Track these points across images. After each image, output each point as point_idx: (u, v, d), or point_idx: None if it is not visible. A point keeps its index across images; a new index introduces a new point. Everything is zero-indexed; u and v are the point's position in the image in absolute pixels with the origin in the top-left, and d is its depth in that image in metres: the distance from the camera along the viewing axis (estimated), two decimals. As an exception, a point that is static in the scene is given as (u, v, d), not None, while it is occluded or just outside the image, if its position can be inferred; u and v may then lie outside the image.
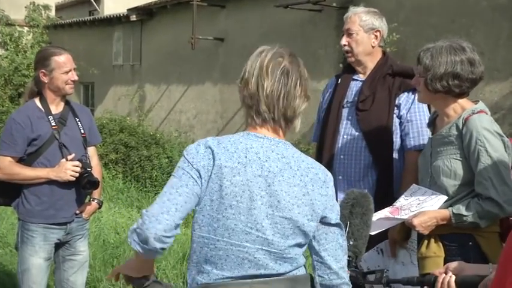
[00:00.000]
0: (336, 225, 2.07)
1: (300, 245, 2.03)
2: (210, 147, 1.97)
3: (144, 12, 14.47)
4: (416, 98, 3.27)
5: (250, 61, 2.08)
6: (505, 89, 7.53)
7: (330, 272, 2.07)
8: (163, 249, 1.95)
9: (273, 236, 1.96)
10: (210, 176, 1.94)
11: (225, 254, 1.95)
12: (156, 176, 11.05)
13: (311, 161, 2.12)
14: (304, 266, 2.09)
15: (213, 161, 1.95)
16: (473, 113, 2.86)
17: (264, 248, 1.96)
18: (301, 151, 7.62)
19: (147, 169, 11.25)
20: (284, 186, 1.98)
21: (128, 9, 14.73)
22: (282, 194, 1.97)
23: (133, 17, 14.52)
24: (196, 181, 1.95)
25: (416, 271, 3.00)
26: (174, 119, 13.17)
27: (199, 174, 1.95)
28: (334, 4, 9.76)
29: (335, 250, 2.07)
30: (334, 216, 2.07)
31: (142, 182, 11.02)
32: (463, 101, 2.95)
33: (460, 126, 2.86)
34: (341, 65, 9.55)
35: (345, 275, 2.10)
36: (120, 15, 15.12)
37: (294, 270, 2.04)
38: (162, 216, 1.90)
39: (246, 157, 1.97)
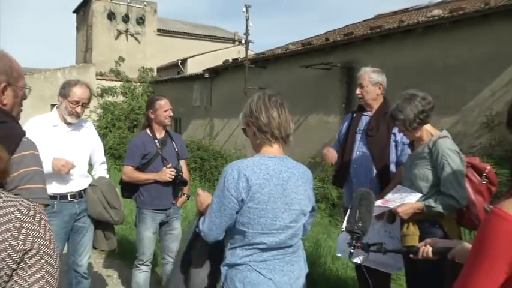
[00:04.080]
0: (314, 209, 2.17)
1: (302, 225, 2.06)
2: (243, 174, 1.90)
3: (213, 72, 14.63)
4: None
5: (253, 103, 2.03)
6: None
7: (306, 232, 2.20)
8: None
9: (289, 222, 1.96)
10: (248, 192, 1.89)
11: (258, 239, 1.94)
12: (220, 178, 11.23)
13: (302, 166, 2.09)
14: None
15: (247, 183, 1.89)
16: (440, 138, 2.82)
17: (284, 231, 1.96)
18: (317, 162, 7.57)
19: (215, 174, 11.30)
20: (293, 188, 1.97)
21: (203, 70, 14.97)
22: (292, 194, 1.96)
23: (206, 75, 14.74)
24: (235, 202, 1.91)
25: (394, 242, 3.00)
26: (233, 141, 13.23)
27: (238, 194, 1.90)
28: (339, 65, 9.76)
29: (311, 220, 2.20)
30: (314, 203, 2.14)
31: (212, 182, 11.08)
32: (432, 130, 2.91)
33: (431, 147, 2.82)
34: (343, 105, 9.54)
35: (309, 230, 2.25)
36: (198, 74, 15.36)
37: (298, 242, 2.07)
38: (214, 232, 1.99)
39: (267, 173, 1.92)
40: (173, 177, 3.76)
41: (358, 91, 3.55)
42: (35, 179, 1.56)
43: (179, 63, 20.80)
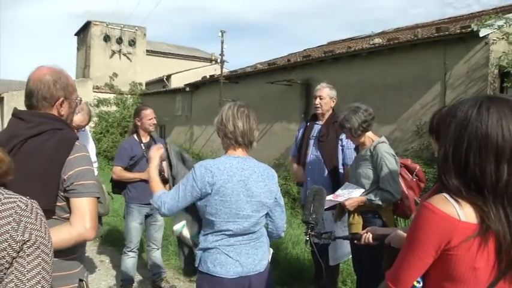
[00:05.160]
0: (280, 203, 2.06)
1: (264, 215, 2.01)
2: (209, 170, 1.88)
3: (193, 86, 14.42)
4: None
5: (224, 112, 2.01)
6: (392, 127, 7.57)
7: (276, 227, 2.08)
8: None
9: (251, 212, 1.93)
10: (212, 186, 1.87)
11: (225, 227, 1.91)
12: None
13: (264, 165, 2.04)
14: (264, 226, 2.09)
15: (213, 178, 1.87)
16: (379, 143, 2.85)
17: (247, 220, 1.93)
18: (280, 163, 7.51)
19: (194, 173, 11.12)
20: (254, 183, 1.93)
21: (184, 84, 14.72)
22: (253, 188, 1.93)
23: (187, 89, 14.47)
24: (197, 191, 1.89)
25: (344, 232, 2.97)
26: (209, 145, 13.10)
27: (202, 186, 1.88)
28: (299, 81, 9.81)
29: (280, 215, 2.06)
30: (279, 197, 2.05)
31: (192, 180, 10.93)
32: (372, 136, 2.94)
33: (372, 150, 2.84)
34: (302, 115, 9.58)
35: (282, 229, 2.11)
36: (180, 88, 15.11)
37: (261, 228, 2.03)
38: (169, 211, 1.95)
39: (231, 171, 1.90)
40: (157, 176, 3.68)
41: (317, 101, 3.51)
42: (87, 176, 1.57)
43: (164, 79, 20.56)
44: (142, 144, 3.77)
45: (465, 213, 1.10)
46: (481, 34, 6.46)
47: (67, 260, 1.58)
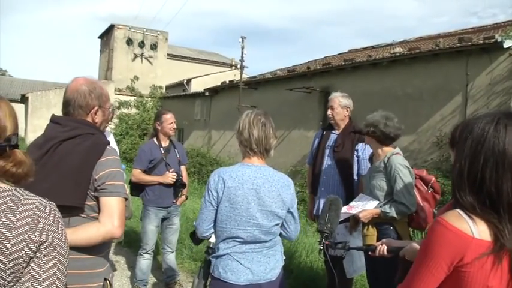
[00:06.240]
0: (294, 215, 2.05)
1: (277, 224, 2.00)
2: (221, 177, 1.93)
3: (212, 91, 14.59)
4: (366, 146, 3.19)
5: (241, 120, 2.03)
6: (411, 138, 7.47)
7: (289, 237, 2.09)
8: (206, 237, 2.09)
9: (262, 221, 1.94)
10: (223, 192, 1.92)
11: (235, 234, 1.94)
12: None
13: (280, 174, 2.04)
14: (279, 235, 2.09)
15: (224, 185, 1.91)
16: (393, 154, 2.82)
17: (258, 228, 1.94)
18: (297, 170, 7.46)
19: (211, 177, 11.15)
20: (266, 193, 1.94)
21: (204, 89, 14.92)
22: (265, 197, 1.94)
23: (206, 93, 14.66)
24: (215, 200, 1.95)
25: (361, 243, 2.94)
26: (227, 150, 13.20)
27: (217, 194, 1.94)
28: (318, 89, 9.81)
29: (294, 228, 2.06)
30: (295, 209, 2.04)
31: (208, 184, 10.98)
32: (387, 148, 2.90)
33: (385, 162, 2.81)
34: (320, 123, 9.56)
35: (294, 240, 2.11)
36: (199, 92, 15.29)
37: (274, 238, 2.03)
38: (201, 226, 2.00)
39: (242, 179, 1.93)
40: (174, 180, 3.74)
41: (329, 112, 3.50)
42: (117, 177, 1.65)
43: (184, 83, 20.79)
44: (161, 148, 3.83)
45: (479, 230, 1.09)
46: (505, 45, 6.35)
47: (93, 258, 1.66)
